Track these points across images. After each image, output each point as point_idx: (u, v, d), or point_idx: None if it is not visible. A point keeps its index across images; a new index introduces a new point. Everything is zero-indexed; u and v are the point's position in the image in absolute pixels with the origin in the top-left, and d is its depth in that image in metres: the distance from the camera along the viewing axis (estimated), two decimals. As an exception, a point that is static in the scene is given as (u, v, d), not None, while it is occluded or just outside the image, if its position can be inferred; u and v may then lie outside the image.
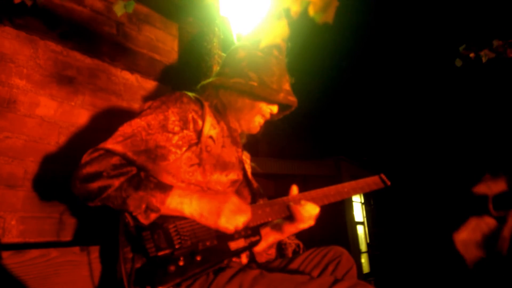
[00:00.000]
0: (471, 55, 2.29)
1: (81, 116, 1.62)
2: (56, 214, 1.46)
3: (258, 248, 1.26)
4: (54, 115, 1.53)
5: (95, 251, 1.31)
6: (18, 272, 1.10)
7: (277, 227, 1.28)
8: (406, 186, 8.46)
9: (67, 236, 1.47)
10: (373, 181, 1.36)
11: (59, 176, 1.49)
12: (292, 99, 1.23)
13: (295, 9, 0.68)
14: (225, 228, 1.02)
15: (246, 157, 1.38)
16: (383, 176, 1.37)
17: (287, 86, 1.23)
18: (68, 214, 1.49)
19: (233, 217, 1.03)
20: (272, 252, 1.34)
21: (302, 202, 1.20)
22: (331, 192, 1.27)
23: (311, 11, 0.66)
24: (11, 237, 1.32)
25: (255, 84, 1.17)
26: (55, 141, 1.51)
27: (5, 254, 1.10)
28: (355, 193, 1.31)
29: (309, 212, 1.19)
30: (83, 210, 1.53)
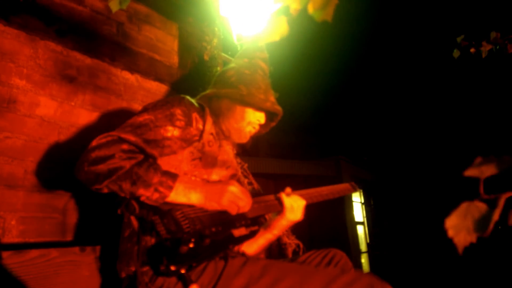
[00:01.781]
0: (472, 50, 2.30)
1: (81, 116, 1.62)
2: (56, 214, 1.46)
3: (250, 251, 1.30)
4: (54, 115, 1.53)
5: (95, 251, 1.32)
6: (18, 272, 1.11)
7: (266, 226, 1.35)
8: (406, 186, 8.47)
9: (67, 236, 1.47)
10: (346, 187, 1.55)
11: (59, 176, 1.49)
12: (278, 108, 1.34)
13: (295, 6, 0.68)
14: (230, 207, 1.08)
15: (238, 161, 1.44)
16: (353, 183, 1.59)
17: (272, 98, 1.34)
18: (68, 214, 1.49)
19: (236, 197, 1.10)
20: (262, 257, 1.38)
21: (290, 193, 1.33)
22: (314, 193, 1.40)
23: (310, 9, 0.66)
24: (11, 237, 1.32)
25: (244, 93, 1.26)
26: (55, 141, 1.51)
27: (5, 254, 1.10)
28: (333, 196, 1.46)
29: (296, 202, 1.30)
30: (83, 209, 1.53)
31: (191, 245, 0.95)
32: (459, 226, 0.41)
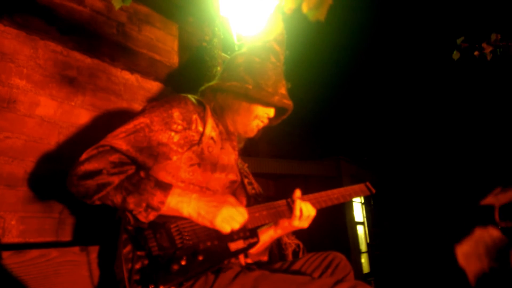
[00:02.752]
0: (476, 53, 2.29)
1: (81, 116, 1.62)
2: (56, 214, 1.46)
3: (253, 250, 1.26)
4: (54, 115, 1.53)
5: (95, 251, 1.32)
6: (18, 272, 1.10)
7: (272, 225, 1.31)
8: (406, 186, 8.46)
9: (67, 236, 1.47)
10: (359, 189, 1.42)
11: (59, 176, 1.49)
12: (288, 102, 1.25)
13: (289, 6, 0.69)
14: (221, 227, 1.03)
15: (241, 163, 1.40)
16: (368, 184, 1.44)
17: (283, 90, 1.25)
18: (68, 214, 1.49)
19: (229, 217, 1.04)
20: (265, 258, 1.35)
21: (302, 200, 1.23)
22: (322, 197, 1.31)
23: (305, 8, 0.66)
24: (11, 237, 1.32)
25: (250, 87, 1.18)
26: (55, 141, 1.51)
27: (5, 254, 1.10)
28: (344, 199, 1.34)
29: (308, 211, 1.22)
30: (83, 210, 1.53)
31: (183, 263, 0.93)
32: (470, 253, 0.40)
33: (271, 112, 1.26)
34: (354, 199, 7.46)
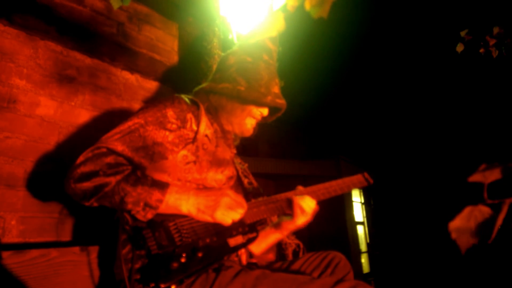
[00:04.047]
0: (481, 50, 2.29)
1: (81, 116, 1.62)
2: (56, 214, 1.46)
3: (258, 250, 1.27)
4: (54, 115, 1.53)
5: (95, 251, 1.32)
6: (18, 272, 1.10)
7: (276, 226, 1.30)
8: (406, 186, 8.47)
9: (67, 236, 1.47)
10: (357, 179, 1.39)
11: (59, 176, 1.49)
12: (281, 101, 1.25)
13: (292, 3, 0.68)
14: (222, 220, 1.04)
15: (239, 161, 1.40)
16: (366, 174, 1.40)
17: (276, 90, 1.25)
18: (68, 214, 1.49)
19: (229, 209, 1.05)
20: (271, 257, 1.34)
21: (301, 195, 1.23)
22: (320, 190, 1.30)
23: (307, 6, 0.66)
24: (11, 237, 1.32)
25: (242, 88, 1.19)
26: (55, 141, 1.51)
27: (5, 254, 1.10)
28: (342, 191, 1.33)
29: (309, 205, 1.22)
30: (83, 210, 1.53)
31: (182, 260, 0.93)
32: (462, 228, 0.41)
33: (265, 111, 1.27)
34: (354, 199, 7.46)
